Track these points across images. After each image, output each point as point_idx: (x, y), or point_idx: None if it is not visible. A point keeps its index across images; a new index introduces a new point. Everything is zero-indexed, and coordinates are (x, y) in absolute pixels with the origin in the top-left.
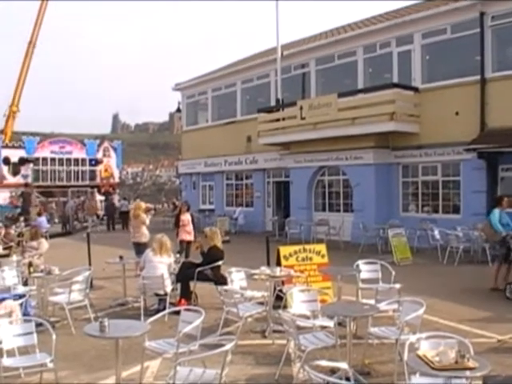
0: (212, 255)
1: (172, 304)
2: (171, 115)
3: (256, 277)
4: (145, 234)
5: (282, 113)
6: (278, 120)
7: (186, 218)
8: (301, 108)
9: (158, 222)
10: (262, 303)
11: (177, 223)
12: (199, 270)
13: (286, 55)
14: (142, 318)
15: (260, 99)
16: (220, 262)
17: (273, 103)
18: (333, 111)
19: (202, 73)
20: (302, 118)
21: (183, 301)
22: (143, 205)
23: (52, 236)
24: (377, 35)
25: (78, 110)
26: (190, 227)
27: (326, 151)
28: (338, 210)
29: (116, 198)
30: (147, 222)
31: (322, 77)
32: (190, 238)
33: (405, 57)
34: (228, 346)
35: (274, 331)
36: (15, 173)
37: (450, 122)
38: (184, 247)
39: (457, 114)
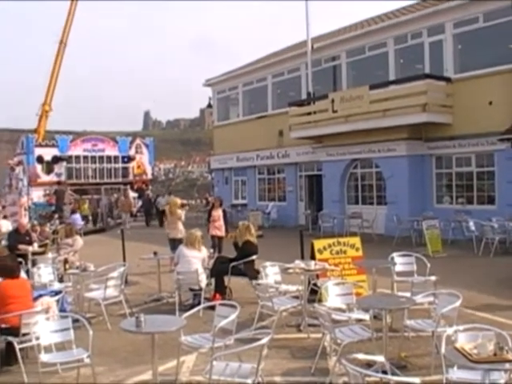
0: (246, 250)
1: (207, 299)
2: (202, 111)
3: (290, 271)
4: (180, 230)
5: (313, 106)
6: (309, 113)
7: (217, 213)
8: (332, 101)
9: (190, 218)
10: (296, 297)
11: (209, 218)
12: (233, 264)
13: (316, 48)
14: (177, 313)
15: (291, 93)
16: (254, 257)
17: (304, 96)
18: (364, 103)
19: (232, 68)
20: (334, 111)
21: (218, 295)
22: (179, 201)
23: (86, 233)
24: (408, 26)
25: (109, 108)
26: (220, 223)
27: (358, 144)
28: (371, 203)
29: (150, 195)
30: (183, 217)
31: (352, 69)
32: (221, 233)
33: (436, 47)
34: (264, 340)
35: (309, 325)
36: (49, 171)
37: (483, 111)
38: (216, 242)
39: (490, 103)
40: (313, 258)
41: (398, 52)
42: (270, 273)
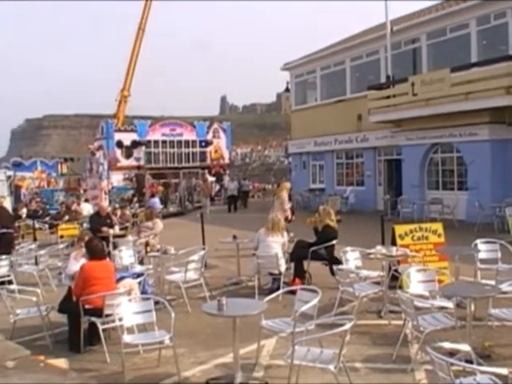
0: (326, 234)
1: (286, 283)
2: (279, 95)
3: (372, 256)
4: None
5: (392, 89)
6: (388, 97)
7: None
8: (412, 84)
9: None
10: (377, 283)
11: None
12: (313, 249)
13: (395, 30)
14: (257, 296)
15: (370, 76)
16: (334, 242)
17: (383, 80)
18: (446, 86)
19: (309, 52)
20: (414, 95)
21: (297, 280)
22: (289, 185)
23: (165, 216)
24: (491, 6)
25: (186, 93)
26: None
27: (438, 128)
28: (452, 188)
29: (226, 179)
30: (286, 203)
31: (433, 51)
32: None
33: None
34: (347, 326)
35: (390, 311)
36: (128, 155)
37: None
38: None
39: None
40: (394, 243)
41: (480, 33)
42: (351, 258)
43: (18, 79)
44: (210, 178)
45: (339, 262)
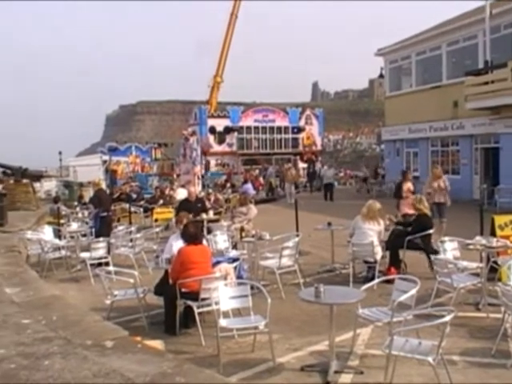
0: (422, 223)
1: (381, 272)
2: (371, 82)
3: (471, 247)
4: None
5: (491, 75)
6: (486, 83)
7: (409, 187)
8: None
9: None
10: (475, 274)
11: (397, 193)
12: (409, 238)
13: (495, 14)
14: (351, 284)
15: (467, 62)
16: (431, 231)
17: (481, 65)
18: None
19: (404, 37)
20: None
21: (393, 269)
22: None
23: (257, 202)
24: None
25: (278, 80)
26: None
27: None
28: None
29: (318, 166)
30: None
31: None
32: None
33: None
34: (448, 318)
35: (488, 304)
36: (221, 141)
37: None
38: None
39: None
40: (493, 234)
41: None
42: (449, 248)
43: (112, 67)
44: (302, 165)
45: (436, 252)
